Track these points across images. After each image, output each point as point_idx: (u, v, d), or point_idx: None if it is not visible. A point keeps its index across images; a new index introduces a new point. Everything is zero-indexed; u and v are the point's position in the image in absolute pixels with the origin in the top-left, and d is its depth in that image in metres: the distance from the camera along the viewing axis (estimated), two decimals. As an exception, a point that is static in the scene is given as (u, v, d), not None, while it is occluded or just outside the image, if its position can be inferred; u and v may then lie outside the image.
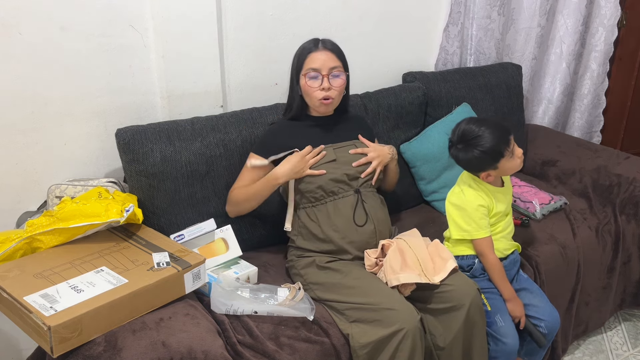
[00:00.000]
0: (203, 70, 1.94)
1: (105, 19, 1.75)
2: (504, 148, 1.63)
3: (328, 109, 1.79)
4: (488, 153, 1.63)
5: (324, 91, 1.72)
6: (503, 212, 1.74)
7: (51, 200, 1.73)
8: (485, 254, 1.70)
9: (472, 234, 1.69)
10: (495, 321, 1.67)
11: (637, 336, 2.27)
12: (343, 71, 1.76)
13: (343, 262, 1.69)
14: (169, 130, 1.77)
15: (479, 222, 1.68)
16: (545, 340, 1.74)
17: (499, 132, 1.63)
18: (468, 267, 1.75)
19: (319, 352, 1.50)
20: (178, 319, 1.37)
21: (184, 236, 1.68)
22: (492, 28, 2.57)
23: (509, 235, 1.79)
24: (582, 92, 2.83)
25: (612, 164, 2.32)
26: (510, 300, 1.71)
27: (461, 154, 1.67)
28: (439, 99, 2.32)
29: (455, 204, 1.72)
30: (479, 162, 1.66)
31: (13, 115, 1.71)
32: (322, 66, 1.71)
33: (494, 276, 1.72)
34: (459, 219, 1.71)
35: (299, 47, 1.78)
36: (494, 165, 1.66)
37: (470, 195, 1.69)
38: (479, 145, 1.62)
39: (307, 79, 1.72)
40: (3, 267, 1.39)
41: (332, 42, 1.77)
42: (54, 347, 1.21)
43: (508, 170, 1.69)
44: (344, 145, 1.80)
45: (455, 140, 1.68)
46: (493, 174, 1.69)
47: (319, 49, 1.73)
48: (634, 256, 2.19)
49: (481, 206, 1.68)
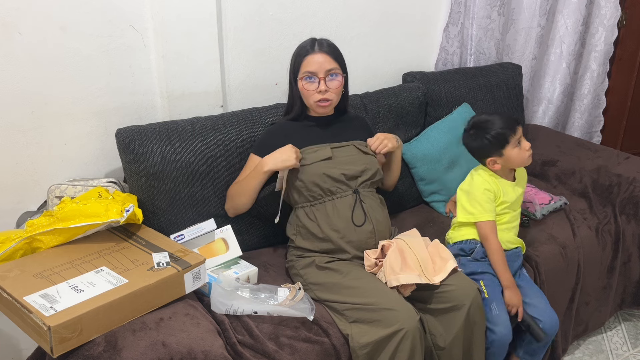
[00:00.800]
0: (203, 70, 1.94)
1: (105, 19, 1.76)
2: (509, 134, 1.72)
3: (326, 111, 1.78)
4: (495, 137, 1.72)
5: (321, 94, 1.72)
6: (510, 204, 1.78)
7: (51, 200, 1.73)
8: (488, 238, 1.73)
9: (476, 217, 1.74)
10: (490, 309, 1.66)
11: (637, 336, 2.27)
12: (340, 72, 1.75)
13: (343, 262, 1.69)
14: (169, 130, 1.77)
15: (484, 205, 1.73)
16: (543, 334, 1.72)
17: (508, 119, 1.74)
18: (470, 251, 1.77)
19: (319, 352, 1.50)
20: (178, 319, 1.37)
21: (184, 236, 1.68)
22: (492, 28, 2.57)
23: (514, 230, 1.82)
24: (582, 92, 2.83)
25: (612, 164, 2.32)
26: (508, 288, 1.70)
27: (471, 140, 1.78)
28: (439, 99, 2.32)
29: (464, 189, 1.80)
30: (486, 146, 1.74)
31: (13, 115, 1.71)
32: (318, 69, 1.71)
33: (494, 261, 1.72)
34: (466, 203, 1.77)
35: (296, 48, 1.78)
36: (499, 151, 1.73)
37: (478, 179, 1.78)
38: (486, 129, 1.73)
39: (304, 82, 1.72)
40: (3, 267, 1.39)
41: (329, 42, 1.76)
42: (54, 347, 1.21)
43: (514, 161, 1.75)
44: (343, 145, 1.79)
45: (468, 128, 1.79)
46: (499, 162, 1.75)
47: (315, 51, 1.72)
48: (634, 256, 2.19)
49: (487, 190, 1.74)
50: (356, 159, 1.77)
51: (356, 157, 1.78)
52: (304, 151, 1.74)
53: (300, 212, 1.75)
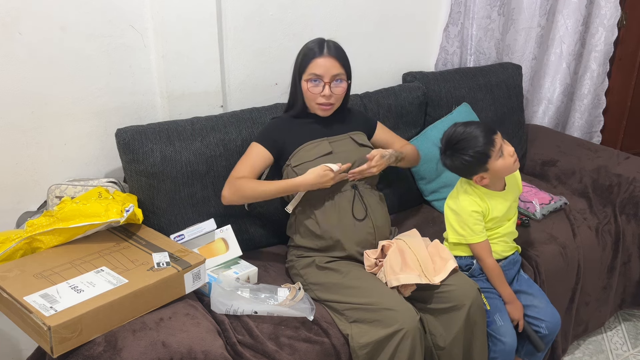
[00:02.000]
0: (203, 70, 1.94)
1: (105, 19, 1.75)
2: (489, 149, 1.60)
3: (326, 114, 1.78)
4: (473, 156, 1.61)
5: (325, 98, 1.71)
6: (501, 217, 1.73)
7: (51, 200, 1.73)
8: (482, 258, 1.70)
9: (467, 239, 1.70)
10: (495, 320, 1.67)
11: (637, 336, 2.27)
12: (345, 79, 1.74)
13: (343, 262, 1.69)
14: (169, 130, 1.77)
15: (473, 228, 1.68)
16: (543, 345, 1.74)
17: (482, 133, 1.61)
18: (466, 267, 1.75)
19: (319, 352, 1.50)
20: (178, 319, 1.37)
21: (184, 236, 1.68)
22: (492, 28, 2.57)
23: (508, 239, 1.79)
24: (582, 92, 2.83)
25: (612, 164, 2.32)
26: (510, 303, 1.71)
27: (449, 161, 1.67)
28: (439, 99, 2.32)
29: (452, 208, 1.72)
30: (467, 166, 1.64)
31: (13, 115, 1.71)
32: (324, 73, 1.69)
33: (492, 279, 1.72)
34: (455, 223, 1.71)
35: (304, 47, 1.76)
36: (483, 167, 1.63)
37: (465, 201, 1.69)
38: (463, 149, 1.61)
39: (309, 84, 1.72)
40: (3, 267, 1.39)
41: (337, 46, 1.74)
42: (54, 347, 1.21)
43: (501, 171, 1.66)
44: (340, 138, 1.79)
45: (443, 148, 1.68)
46: (487, 176, 1.66)
47: (323, 54, 1.70)
48: (634, 256, 2.19)
49: (475, 212, 1.67)
50: (353, 153, 1.77)
51: (353, 152, 1.77)
52: (304, 148, 1.74)
53: (300, 210, 1.75)
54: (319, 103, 1.73)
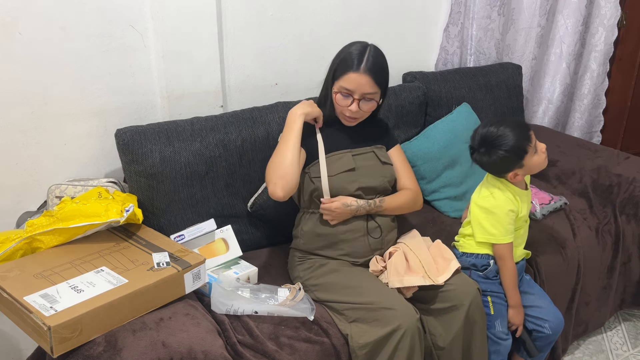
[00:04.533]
0: (203, 71, 1.94)
1: (105, 19, 1.75)
2: (527, 144, 1.60)
3: (351, 125, 1.73)
4: (512, 151, 1.59)
5: (351, 112, 1.66)
6: (524, 217, 1.72)
7: (51, 200, 1.73)
8: (505, 259, 1.68)
9: (498, 239, 1.66)
10: (494, 325, 1.68)
11: (637, 336, 2.27)
12: (376, 99, 1.67)
13: (342, 262, 1.69)
14: (169, 131, 1.76)
15: (507, 227, 1.65)
16: (537, 352, 1.77)
17: (519, 129, 1.61)
18: (482, 267, 1.72)
19: (319, 352, 1.50)
20: (178, 319, 1.37)
21: (184, 236, 1.68)
22: (492, 28, 2.57)
23: (524, 243, 1.79)
24: (582, 92, 2.83)
25: (612, 164, 2.32)
26: (514, 307, 1.71)
27: (485, 158, 1.63)
28: (439, 99, 2.32)
29: (484, 207, 1.67)
30: (504, 162, 1.62)
31: (13, 115, 1.71)
32: (356, 89, 1.62)
33: (507, 281, 1.70)
34: (486, 222, 1.67)
35: (345, 50, 1.68)
36: (519, 163, 1.62)
37: (501, 199, 1.66)
38: (502, 145, 1.59)
39: (338, 95, 1.66)
40: (3, 267, 1.39)
41: (377, 60, 1.64)
42: (54, 347, 1.21)
43: (535, 167, 1.65)
44: (363, 152, 1.75)
45: (477, 145, 1.64)
46: (520, 173, 1.65)
47: (359, 70, 1.60)
48: (634, 256, 2.19)
49: (511, 211, 1.65)
50: (375, 170, 1.74)
51: (376, 169, 1.74)
52: (328, 158, 1.70)
53: (311, 218, 1.73)
54: (345, 114, 1.69)
